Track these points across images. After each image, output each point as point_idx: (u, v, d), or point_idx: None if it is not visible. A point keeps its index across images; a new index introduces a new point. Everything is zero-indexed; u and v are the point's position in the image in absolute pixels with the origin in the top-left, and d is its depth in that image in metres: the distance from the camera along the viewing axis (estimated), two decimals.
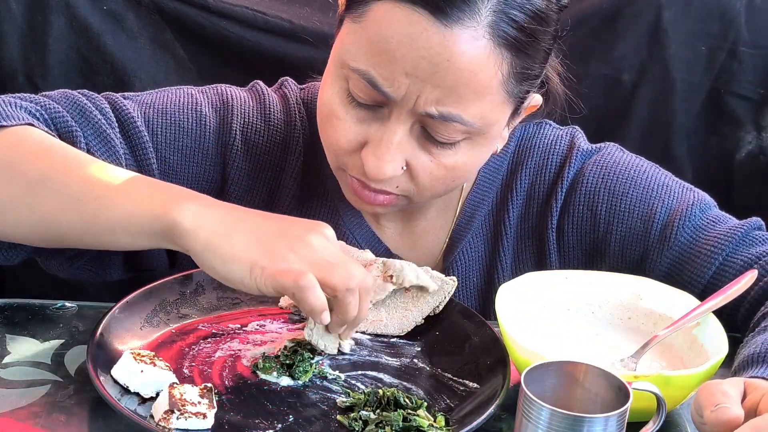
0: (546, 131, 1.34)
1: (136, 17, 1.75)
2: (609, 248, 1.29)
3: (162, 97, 1.28)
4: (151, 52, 1.78)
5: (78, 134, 1.17)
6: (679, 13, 1.80)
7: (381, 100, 1.12)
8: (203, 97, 1.30)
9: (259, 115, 1.30)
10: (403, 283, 1.16)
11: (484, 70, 1.10)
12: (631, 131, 1.85)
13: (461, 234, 1.32)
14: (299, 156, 1.30)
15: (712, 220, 1.26)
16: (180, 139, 1.26)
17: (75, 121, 1.18)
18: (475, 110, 1.12)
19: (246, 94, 1.32)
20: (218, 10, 1.74)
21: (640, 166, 1.31)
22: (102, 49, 1.74)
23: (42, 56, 1.73)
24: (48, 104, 1.18)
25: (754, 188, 1.85)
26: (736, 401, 0.92)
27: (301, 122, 1.31)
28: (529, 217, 1.32)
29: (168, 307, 1.15)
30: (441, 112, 1.11)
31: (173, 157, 1.25)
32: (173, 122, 1.26)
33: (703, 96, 1.83)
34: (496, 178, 1.33)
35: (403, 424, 0.99)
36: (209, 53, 1.78)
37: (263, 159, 1.29)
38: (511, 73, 1.12)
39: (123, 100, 1.24)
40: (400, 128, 1.13)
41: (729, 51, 1.80)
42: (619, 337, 1.16)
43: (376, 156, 1.13)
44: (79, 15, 1.72)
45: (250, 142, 1.29)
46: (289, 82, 1.36)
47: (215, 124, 1.28)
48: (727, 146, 1.85)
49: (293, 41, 1.74)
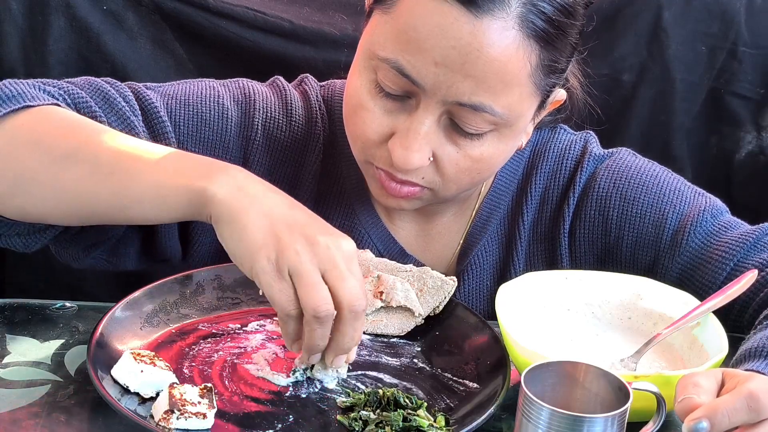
0: (560, 136, 1.35)
1: (136, 17, 1.75)
2: (620, 253, 1.29)
3: (184, 89, 1.28)
4: (151, 52, 1.78)
5: (103, 120, 1.17)
6: (679, 13, 1.80)
7: (409, 90, 1.13)
8: (225, 90, 1.29)
9: (281, 110, 1.30)
10: (391, 303, 1.16)
11: (513, 61, 1.10)
12: (631, 131, 1.85)
13: (476, 237, 1.32)
14: (318, 154, 1.30)
15: (724, 226, 1.26)
16: (201, 130, 1.26)
17: (99, 107, 1.18)
18: (504, 101, 1.12)
19: (267, 90, 1.32)
20: (218, 10, 1.74)
21: (652, 171, 1.31)
22: (102, 49, 1.74)
23: (42, 56, 1.73)
24: (71, 90, 1.18)
25: (754, 188, 1.85)
26: (708, 392, 0.93)
27: (322, 120, 1.31)
28: (542, 221, 1.32)
29: (168, 307, 1.15)
30: (472, 102, 1.11)
31: (194, 149, 1.25)
32: (195, 113, 1.26)
33: (703, 96, 1.83)
34: (512, 182, 1.33)
35: (403, 424, 0.99)
36: (209, 53, 1.77)
37: (284, 155, 1.29)
38: (539, 66, 1.13)
39: (146, 90, 1.24)
40: (428, 118, 1.13)
41: (729, 51, 1.80)
42: (619, 337, 1.16)
43: (404, 146, 1.13)
44: (79, 15, 1.72)
45: (272, 137, 1.29)
46: (310, 79, 1.35)
47: (237, 118, 1.28)
48: (727, 146, 1.85)
49: (293, 41, 1.74)
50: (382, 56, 1.12)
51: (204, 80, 1.31)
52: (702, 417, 0.90)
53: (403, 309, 1.17)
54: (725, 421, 0.90)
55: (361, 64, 1.17)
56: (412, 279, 1.19)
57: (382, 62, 1.12)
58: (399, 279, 1.18)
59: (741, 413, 0.90)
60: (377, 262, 1.21)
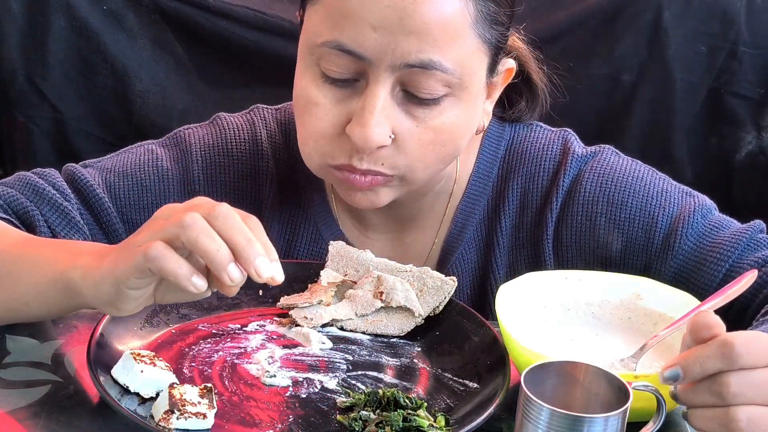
0: (537, 134, 1.32)
1: (136, 17, 1.75)
2: (610, 258, 1.27)
3: (123, 159, 1.30)
4: (151, 52, 1.78)
5: (35, 213, 1.22)
6: (679, 13, 1.80)
7: (356, 69, 1.12)
8: (163, 151, 1.31)
9: (222, 150, 1.31)
10: (391, 303, 1.16)
11: (451, 9, 1.10)
12: (631, 131, 1.85)
13: (453, 245, 1.31)
14: (271, 185, 1.30)
15: (715, 225, 1.25)
16: (143, 197, 1.28)
17: (30, 200, 1.23)
18: (452, 55, 1.11)
19: (206, 131, 1.33)
20: (218, 10, 1.74)
21: (637, 172, 1.28)
22: (102, 49, 1.75)
23: (42, 56, 1.74)
24: (2, 191, 1.23)
25: (754, 188, 1.85)
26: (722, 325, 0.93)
27: (273, 147, 1.31)
28: (524, 226, 1.30)
29: (168, 307, 1.14)
30: (421, 59, 1.10)
31: (139, 217, 1.27)
32: (135, 183, 1.28)
33: (703, 96, 1.83)
34: (487, 186, 1.31)
35: (403, 424, 0.99)
36: (209, 53, 1.78)
37: (233, 194, 1.30)
38: (479, 16, 1.12)
39: (82, 170, 1.28)
40: (380, 91, 1.12)
41: (729, 51, 1.80)
42: (619, 337, 1.16)
43: (361, 123, 1.12)
44: (79, 15, 1.72)
45: (215, 181, 1.30)
46: (259, 108, 1.36)
47: (178, 175, 1.29)
48: (727, 146, 1.85)
49: (293, 41, 1.74)
50: (320, 42, 1.12)
51: (143, 144, 1.33)
52: (675, 364, 0.91)
53: (403, 309, 1.17)
54: (697, 368, 0.91)
55: (302, 65, 1.16)
56: (412, 279, 1.19)
57: (322, 48, 1.12)
58: (399, 279, 1.18)
59: (713, 360, 0.90)
60: (377, 263, 1.21)
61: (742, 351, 0.90)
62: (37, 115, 1.91)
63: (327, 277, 1.19)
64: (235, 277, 0.92)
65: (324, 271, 1.20)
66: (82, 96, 1.91)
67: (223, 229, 0.92)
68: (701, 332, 0.92)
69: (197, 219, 0.92)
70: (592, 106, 1.90)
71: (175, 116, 1.90)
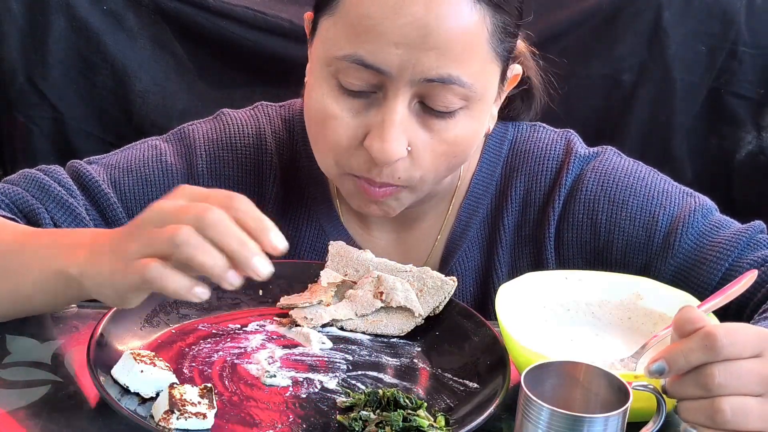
0: (540, 134, 1.33)
1: (136, 17, 1.75)
2: (611, 257, 1.28)
3: (127, 155, 1.31)
4: (151, 52, 1.79)
5: (40, 210, 1.21)
6: (679, 13, 1.80)
7: (375, 82, 1.12)
8: (167, 146, 1.31)
9: (225, 145, 1.31)
10: (391, 303, 1.16)
11: (470, 26, 1.10)
12: (631, 131, 1.85)
13: (457, 243, 1.32)
14: (274, 181, 1.31)
15: (715, 225, 1.26)
16: (148, 193, 1.28)
17: (36, 198, 1.23)
18: (471, 70, 1.12)
19: (210, 126, 1.33)
20: (218, 10, 1.74)
21: (639, 172, 1.29)
22: (102, 49, 1.75)
23: (42, 56, 1.74)
24: (8, 189, 1.23)
25: (754, 188, 1.85)
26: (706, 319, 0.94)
27: (277, 143, 1.31)
28: (526, 224, 1.31)
29: (168, 307, 1.15)
30: (440, 75, 1.10)
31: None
32: (139, 178, 1.28)
33: (703, 96, 1.83)
34: (490, 185, 1.32)
35: (403, 424, 0.99)
36: (209, 53, 1.78)
37: (236, 188, 1.29)
38: (495, 29, 1.13)
39: (87, 166, 1.28)
40: (399, 105, 1.12)
41: (729, 51, 1.80)
42: (619, 337, 1.16)
43: (381, 138, 1.12)
44: (79, 15, 1.72)
45: (219, 175, 1.30)
46: (263, 105, 1.36)
47: (182, 171, 1.30)
48: (727, 146, 1.85)
49: (293, 41, 1.75)
50: (340, 55, 1.12)
51: (148, 140, 1.33)
52: (660, 358, 0.92)
53: (403, 309, 1.17)
54: (681, 360, 0.91)
55: (318, 76, 1.16)
56: (412, 279, 1.19)
57: (342, 61, 1.12)
58: (399, 279, 1.18)
59: (697, 353, 0.91)
60: (377, 263, 1.21)
61: (726, 342, 0.90)
62: (37, 115, 1.91)
63: (327, 277, 1.19)
64: (235, 283, 0.92)
65: (324, 271, 1.20)
66: (82, 96, 1.91)
67: (216, 238, 0.91)
68: (685, 326, 0.93)
69: (189, 236, 0.91)
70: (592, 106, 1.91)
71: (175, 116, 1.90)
